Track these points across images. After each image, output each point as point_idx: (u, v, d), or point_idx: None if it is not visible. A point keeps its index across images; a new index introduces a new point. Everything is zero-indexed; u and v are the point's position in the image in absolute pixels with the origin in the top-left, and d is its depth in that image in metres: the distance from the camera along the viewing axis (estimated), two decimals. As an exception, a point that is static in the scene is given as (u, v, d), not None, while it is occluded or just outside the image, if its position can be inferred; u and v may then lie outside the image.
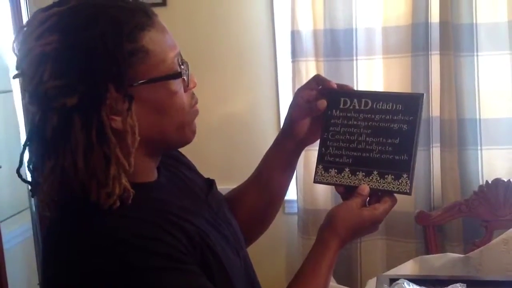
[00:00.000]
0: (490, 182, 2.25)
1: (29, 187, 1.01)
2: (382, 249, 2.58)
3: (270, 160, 1.27)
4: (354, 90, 1.24)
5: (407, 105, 1.11)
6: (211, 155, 2.57)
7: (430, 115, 2.51)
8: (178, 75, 0.97)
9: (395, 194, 1.12)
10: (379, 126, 1.12)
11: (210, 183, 1.20)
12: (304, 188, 2.57)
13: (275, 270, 2.68)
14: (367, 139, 1.13)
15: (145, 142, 0.96)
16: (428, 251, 2.23)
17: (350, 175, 1.14)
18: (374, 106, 1.13)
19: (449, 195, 2.46)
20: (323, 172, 1.17)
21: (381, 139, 1.12)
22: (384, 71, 2.54)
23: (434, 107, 2.51)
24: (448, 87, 2.45)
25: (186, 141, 1.05)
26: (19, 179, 2.19)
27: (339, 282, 2.31)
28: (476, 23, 2.39)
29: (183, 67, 1.00)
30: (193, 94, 1.04)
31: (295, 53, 2.53)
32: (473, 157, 2.44)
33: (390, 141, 1.11)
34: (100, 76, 0.89)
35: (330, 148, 1.16)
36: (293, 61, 2.55)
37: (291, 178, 1.31)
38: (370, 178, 1.12)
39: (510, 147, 2.44)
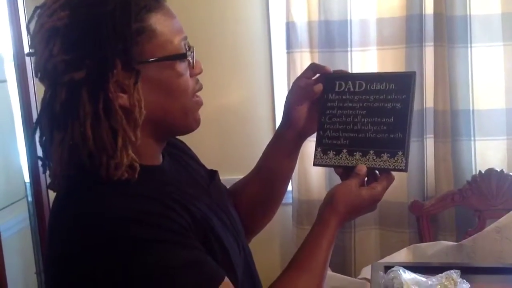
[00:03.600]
0: (483, 172, 2.27)
1: (28, 174, 1.02)
2: (376, 239, 2.60)
3: (271, 152, 1.29)
4: (348, 73, 1.26)
5: (400, 84, 1.13)
6: (207, 146, 2.58)
7: (424, 106, 2.53)
8: (183, 56, 0.99)
9: (392, 173, 1.14)
10: (373, 106, 1.14)
11: (213, 174, 1.22)
12: (298, 179, 2.59)
13: (269, 260, 2.69)
14: (363, 119, 1.15)
15: (149, 122, 0.98)
16: (421, 241, 2.25)
17: (347, 156, 1.16)
18: (368, 87, 1.16)
19: (442, 186, 2.48)
20: (321, 155, 1.19)
21: (376, 119, 1.14)
22: (378, 63, 2.55)
23: (428, 98, 2.52)
24: (442, 78, 2.46)
25: (188, 128, 1.06)
26: (15, 169, 2.19)
27: (333, 270, 2.34)
28: (469, 15, 2.40)
29: (189, 51, 1.02)
30: (197, 80, 1.05)
31: (290, 45, 2.54)
32: (466, 147, 2.46)
33: (384, 120, 1.13)
34: (107, 51, 0.92)
35: (328, 131, 1.19)
36: (288, 53, 2.55)
37: (293, 170, 1.32)
38: (367, 157, 1.14)
39: (503, 138, 2.46)
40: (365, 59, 2.55)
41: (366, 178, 1.15)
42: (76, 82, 0.92)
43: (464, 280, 1.50)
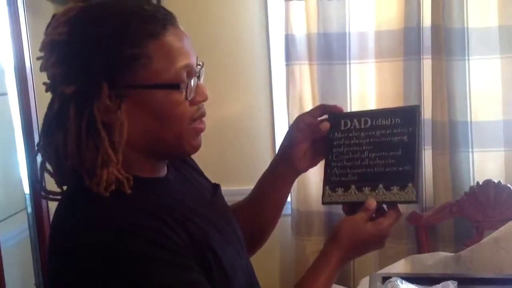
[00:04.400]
0: (480, 183, 2.28)
1: (27, 185, 1.05)
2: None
3: (264, 183, 1.30)
4: (353, 111, 1.27)
5: (405, 118, 1.13)
6: (206, 158, 2.56)
7: (422, 118, 2.54)
8: (175, 86, 0.98)
9: (400, 206, 1.12)
10: (380, 141, 1.14)
11: (216, 187, 1.23)
12: (297, 190, 2.60)
13: (269, 270, 2.70)
14: (370, 155, 1.15)
15: (142, 144, 0.99)
16: (420, 252, 2.26)
17: (356, 192, 1.15)
18: (374, 123, 1.16)
19: (441, 196, 2.49)
20: (330, 193, 1.18)
21: (383, 153, 1.13)
22: (376, 75, 2.57)
23: (426, 109, 2.54)
24: (440, 90, 2.48)
25: (182, 154, 1.06)
26: (15, 181, 2.19)
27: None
28: (467, 28, 2.42)
29: (190, 78, 1.00)
30: (199, 107, 1.03)
31: (289, 57, 2.56)
32: (464, 159, 2.48)
33: (392, 153, 1.12)
34: (96, 72, 0.94)
35: (335, 169, 1.18)
36: (287, 65, 2.58)
37: (284, 203, 1.32)
38: (376, 191, 1.12)
39: (501, 149, 2.48)
40: (363, 72, 2.57)
41: (374, 214, 1.12)
42: (67, 95, 0.95)
43: (461, 291, 1.51)
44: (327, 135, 1.20)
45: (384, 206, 1.14)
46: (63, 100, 0.96)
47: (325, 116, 1.24)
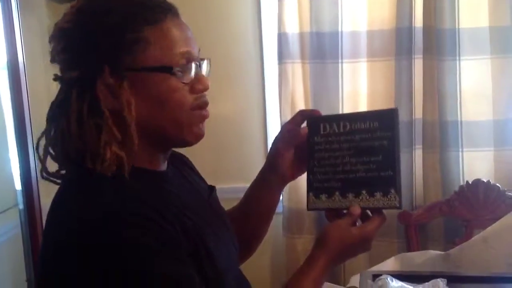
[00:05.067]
0: (470, 182, 2.30)
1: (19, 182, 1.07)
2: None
3: (253, 191, 1.31)
4: (331, 115, 1.28)
5: (383, 121, 1.14)
6: (198, 156, 2.57)
7: (413, 117, 2.56)
8: (168, 69, 1.00)
9: (384, 211, 1.14)
10: (360, 146, 1.15)
11: (212, 188, 1.25)
12: (288, 188, 2.60)
13: (260, 268, 2.71)
14: (351, 160, 1.16)
15: (141, 128, 1.00)
16: (409, 250, 2.28)
17: (340, 198, 1.16)
18: (353, 127, 1.17)
19: (431, 196, 2.51)
20: (314, 199, 1.20)
21: (364, 158, 1.14)
22: (368, 74, 2.59)
23: (417, 109, 2.56)
24: (431, 90, 2.50)
25: (184, 141, 1.06)
26: (6, 177, 2.19)
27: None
28: (458, 28, 2.44)
29: (191, 65, 1.03)
30: (200, 96, 1.05)
31: (282, 55, 2.58)
32: (455, 158, 2.50)
33: (373, 159, 1.13)
34: (98, 56, 0.98)
35: (318, 174, 1.19)
36: (279, 63, 2.59)
37: (273, 211, 1.34)
38: (360, 198, 1.14)
39: (490, 149, 2.50)
40: (355, 71, 2.58)
41: (359, 219, 1.14)
42: (70, 81, 0.99)
43: (450, 289, 1.53)
44: (308, 140, 1.21)
45: (368, 211, 1.16)
46: (67, 86, 1.00)
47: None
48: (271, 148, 1.27)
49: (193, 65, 1.04)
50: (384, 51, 2.55)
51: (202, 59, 1.08)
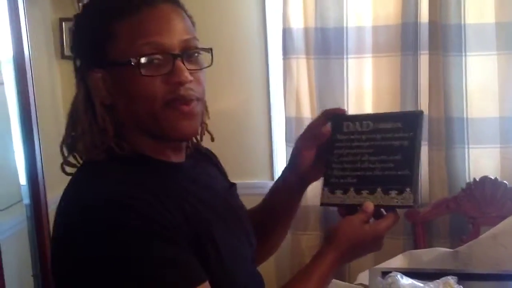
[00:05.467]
0: (477, 179, 2.29)
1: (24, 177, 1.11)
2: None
3: (275, 192, 1.29)
4: (356, 114, 1.26)
5: (407, 122, 1.13)
6: (202, 150, 2.59)
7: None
8: (126, 62, 0.98)
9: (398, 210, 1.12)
10: (380, 145, 1.14)
11: (232, 185, 1.24)
12: (294, 184, 2.59)
13: (264, 264, 2.70)
14: (370, 158, 1.14)
15: (137, 125, 1.02)
16: (416, 247, 2.27)
17: (355, 195, 1.14)
18: (375, 126, 1.16)
19: (436, 192, 2.50)
20: (329, 194, 1.18)
21: (383, 157, 1.13)
22: (373, 70, 2.58)
23: (422, 105, 2.54)
24: (436, 86, 2.49)
25: (171, 138, 1.04)
26: (11, 172, 2.17)
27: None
28: (464, 24, 2.43)
29: (161, 56, 0.99)
30: (176, 90, 1.00)
31: (286, 51, 2.56)
32: (460, 155, 2.49)
33: (391, 158, 1.11)
34: (83, 52, 1.05)
35: (335, 170, 1.18)
36: (284, 59, 2.57)
37: (295, 211, 1.31)
38: (374, 195, 1.12)
39: (496, 146, 2.49)
40: (360, 66, 2.57)
41: (372, 217, 1.11)
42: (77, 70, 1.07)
43: (461, 287, 1.52)
44: (330, 137, 1.20)
45: (382, 209, 1.13)
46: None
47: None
48: (293, 148, 1.25)
49: (165, 56, 0.99)
50: (389, 47, 2.54)
51: (190, 50, 1.03)
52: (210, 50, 1.07)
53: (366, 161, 1.15)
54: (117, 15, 0.99)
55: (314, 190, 2.56)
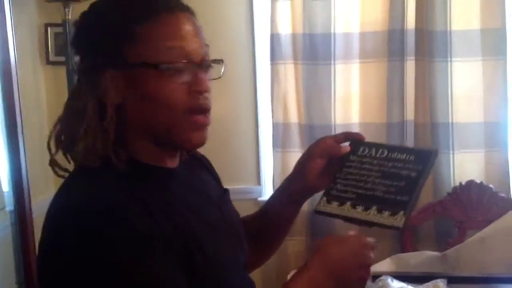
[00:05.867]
0: (463, 183, 2.31)
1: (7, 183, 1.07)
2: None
3: (276, 199, 1.29)
4: (375, 142, 1.28)
5: (419, 157, 1.16)
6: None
7: (405, 119, 2.57)
8: (153, 65, 0.97)
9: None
10: (389, 171, 1.16)
11: (225, 191, 1.23)
12: (281, 190, 2.59)
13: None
14: (375, 180, 1.17)
15: (144, 130, 1.00)
16: (403, 251, 2.28)
17: (350, 208, 1.16)
18: (389, 155, 1.19)
19: (422, 197, 2.50)
20: (325, 203, 1.19)
21: (388, 181, 1.15)
22: (360, 75, 2.59)
23: (408, 111, 2.57)
24: (422, 91, 2.52)
25: (179, 147, 1.04)
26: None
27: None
28: (450, 30, 2.46)
29: (185, 63, 0.99)
30: (196, 99, 1.01)
31: (274, 56, 2.57)
32: (445, 160, 2.51)
33: (395, 183, 1.14)
34: (98, 52, 0.99)
35: (339, 185, 1.20)
36: (272, 64, 2.58)
37: (293, 221, 1.30)
38: (368, 212, 1.13)
39: (481, 150, 2.51)
40: (348, 72, 2.59)
41: None
42: (80, 72, 1.03)
43: (450, 289, 1.53)
44: (343, 155, 1.22)
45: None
46: (79, 76, 1.05)
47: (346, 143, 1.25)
48: (302, 156, 1.25)
49: (188, 64, 1.00)
50: (376, 53, 2.56)
51: (207, 60, 1.04)
52: (222, 62, 1.09)
53: (370, 182, 1.17)
54: (137, 18, 0.98)
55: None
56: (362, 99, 2.61)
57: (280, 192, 1.28)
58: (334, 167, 1.21)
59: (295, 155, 2.62)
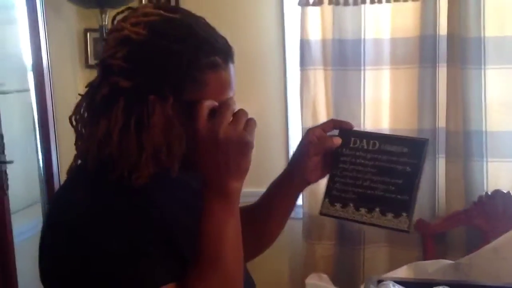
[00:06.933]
0: (489, 193, 2.26)
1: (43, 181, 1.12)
2: (385, 256, 2.61)
3: (273, 192, 1.31)
4: (364, 131, 1.31)
5: (412, 149, 1.18)
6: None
7: (437, 126, 2.54)
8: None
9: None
10: (384, 166, 1.19)
11: None
12: (309, 194, 2.61)
13: (278, 274, 2.73)
14: (373, 177, 1.20)
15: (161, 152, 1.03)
16: (425, 259, 2.25)
17: (354, 210, 1.20)
18: (381, 147, 1.21)
19: (454, 206, 2.47)
20: (328, 205, 1.23)
21: (385, 178, 1.18)
22: (391, 82, 2.58)
23: (440, 118, 2.54)
24: (455, 99, 2.48)
25: (194, 170, 1.06)
26: (31, 174, 2.25)
27: (342, 286, 2.36)
28: (484, 37, 2.41)
29: None
30: None
31: (304, 62, 2.59)
32: (478, 168, 2.46)
33: (393, 181, 1.17)
34: (161, 82, 1.00)
35: (338, 184, 1.22)
36: (301, 70, 2.60)
37: (288, 215, 1.33)
38: (372, 214, 1.18)
39: (515, 159, 2.45)
40: (378, 78, 2.58)
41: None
42: (120, 87, 1.00)
43: (454, 296, 1.52)
44: (336, 149, 1.24)
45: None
46: (114, 90, 1.01)
47: (335, 131, 1.27)
48: (296, 151, 1.28)
49: None
50: (407, 59, 2.54)
51: None
52: None
53: (368, 179, 1.20)
54: (214, 65, 1.02)
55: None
56: (393, 105, 2.59)
57: (278, 184, 1.30)
58: (327, 158, 1.24)
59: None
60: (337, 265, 2.67)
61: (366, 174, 1.20)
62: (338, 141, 1.23)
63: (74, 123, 1.08)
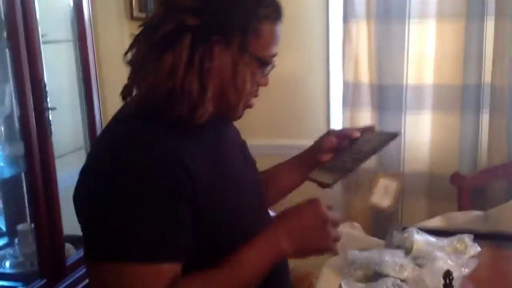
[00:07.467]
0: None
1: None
2: (424, 209, 2.60)
3: (285, 167, 1.38)
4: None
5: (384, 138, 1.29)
6: (261, 112, 2.65)
7: (482, 81, 2.49)
8: (266, 65, 1.08)
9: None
10: (359, 149, 1.28)
11: (244, 142, 1.32)
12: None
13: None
14: (349, 155, 1.28)
15: (213, 96, 1.06)
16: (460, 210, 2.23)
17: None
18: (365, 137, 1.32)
19: (495, 161, 2.44)
20: (318, 172, 1.29)
21: (353, 155, 1.26)
22: (436, 35, 2.53)
23: (486, 73, 2.48)
24: (502, 53, 2.42)
25: (231, 116, 1.13)
26: (77, 121, 2.32)
27: (379, 237, 2.37)
28: (534, -12, 2.33)
29: (270, 65, 1.11)
30: (257, 89, 1.11)
31: (347, 14, 2.57)
32: (523, 124, 2.40)
33: (355, 156, 1.25)
34: (228, 23, 1.03)
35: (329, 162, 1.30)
36: (344, 22, 2.59)
37: (293, 188, 1.39)
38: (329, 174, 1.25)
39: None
40: (423, 31, 2.54)
41: None
42: (186, 25, 1.01)
43: (476, 244, 1.52)
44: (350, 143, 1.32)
45: None
46: (179, 27, 1.02)
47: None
48: (321, 137, 1.34)
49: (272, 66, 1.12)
50: (454, 11, 2.49)
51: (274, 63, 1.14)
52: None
53: (347, 156, 1.28)
54: (271, 17, 1.06)
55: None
56: (437, 60, 2.55)
57: (291, 162, 1.38)
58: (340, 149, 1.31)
59: (364, 115, 2.63)
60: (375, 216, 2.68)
61: (348, 153, 1.28)
62: (356, 134, 1.31)
63: (127, 60, 1.09)
